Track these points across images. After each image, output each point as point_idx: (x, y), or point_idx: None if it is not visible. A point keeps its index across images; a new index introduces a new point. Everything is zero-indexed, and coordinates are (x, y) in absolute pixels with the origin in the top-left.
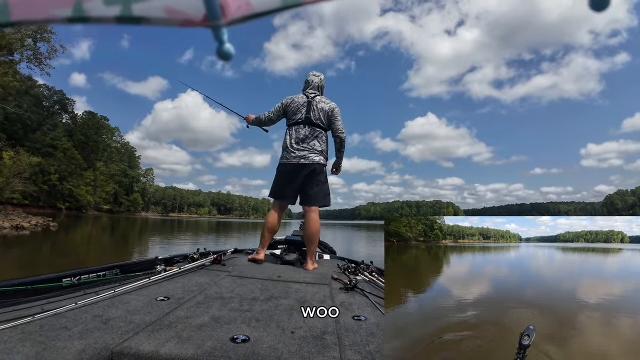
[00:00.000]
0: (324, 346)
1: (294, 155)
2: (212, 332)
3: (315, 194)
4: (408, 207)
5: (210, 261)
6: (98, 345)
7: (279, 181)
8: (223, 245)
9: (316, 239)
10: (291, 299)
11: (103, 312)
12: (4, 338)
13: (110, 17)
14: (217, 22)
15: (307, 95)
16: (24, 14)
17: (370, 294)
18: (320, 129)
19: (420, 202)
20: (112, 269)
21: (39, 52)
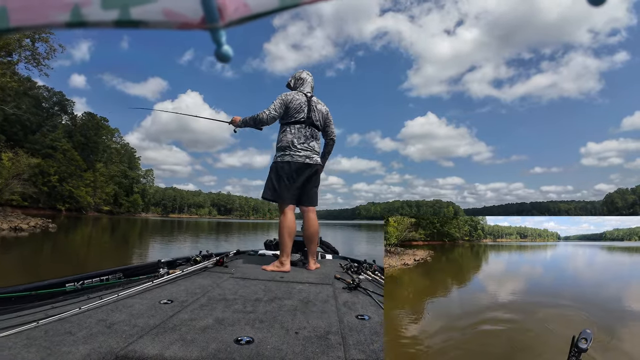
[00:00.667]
0: (328, 346)
1: (300, 155)
2: (216, 334)
3: (314, 194)
4: (408, 206)
5: (212, 263)
6: (103, 349)
7: (282, 181)
8: (224, 247)
9: (317, 239)
10: (294, 300)
11: (107, 316)
12: (9, 344)
13: (109, 22)
14: (215, 24)
15: (305, 94)
16: (22, 19)
17: (374, 293)
18: (318, 131)
19: (420, 202)
20: (115, 273)
21: (37, 53)
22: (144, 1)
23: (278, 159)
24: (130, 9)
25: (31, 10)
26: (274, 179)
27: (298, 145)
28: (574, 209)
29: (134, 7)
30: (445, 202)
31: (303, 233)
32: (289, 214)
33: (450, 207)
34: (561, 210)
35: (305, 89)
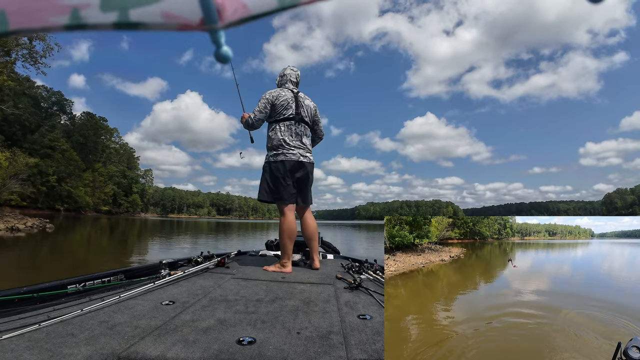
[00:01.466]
0: (330, 346)
1: (293, 153)
2: (218, 335)
3: (309, 192)
4: (407, 206)
5: (214, 264)
6: (105, 351)
7: (277, 181)
8: (223, 247)
9: (317, 236)
10: (296, 300)
11: (109, 317)
12: (11, 346)
13: (108, 24)
14: (214, 25)
15: (292, 90)
16: (21, 22)
17: (375, 293)
18: (308, 127)
19: (419, 202)
20: (117, 275)
21: (34, 51)
22: (143, 3)
23: (271, 158)
24: (129, 11)
25: (30, 14)
26: (269, 180)
27: (290, 143)
28: (573, 209)
29: (133, 9)
30: (445, 202)
31: (303, 233)
32: (289, 215)
33: (449, 207)
34: (560, 210)
35: (289, 85)
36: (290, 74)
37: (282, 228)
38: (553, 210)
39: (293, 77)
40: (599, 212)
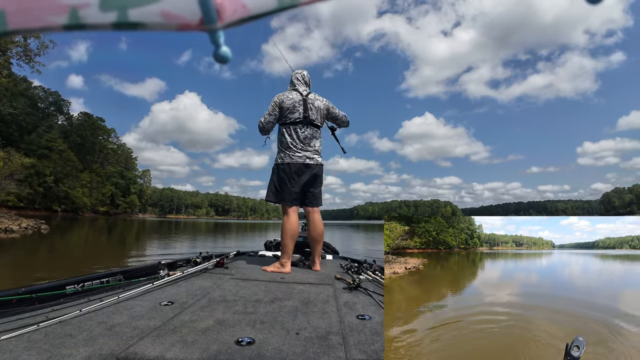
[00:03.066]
0: (329, 346)
1: (299, 155)
2: (217, 336)
3: (318, 194)
4: (406, 206)
5: (213, 264)
6: (103, 351)
7: (283, 183)
8: (222, 247)
9: (322, 239)
10: (295, 300)
11: (107, 318)
12: (10, 347)
13: (107, 24)
14: (214, 25)
15: (301, 92)
16: (20, 22)
17: (374, 293)
18: (317, 128)
19: (418, 202)
20: (116, 275)
21: (28, 49)
22: (142, 3)
23: (278, 160)
24: (128, 11)
25: (29, 13)
26: (276, 181)
27: (296, 146)
28: (571, 208)
29: (132, 9)
30: (443, 202)
31: (308, 234)
32: (291, 216)
33: (448, 206)
34: (558, 209)
35: (299, 87)
36: (297, 76)
37: (284, 228)
38: (551, 210)
39: (299, 77)
40: (597, 211)
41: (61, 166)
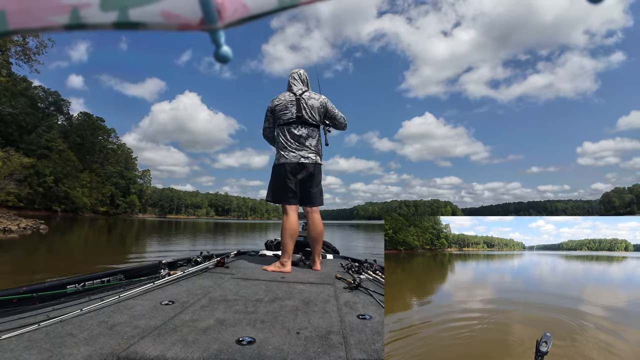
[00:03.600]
0: (329, 346)
1: (293, 155)
2: (218, 335)
3: (316, 193)
4: (406, 206)
5: (213, 264)
6: (104, 351)
7: (279, 183)
8: (222, 247)
9: (322, 239)
10: (296, 300)
11: (108, 317)
12: (10, 346)
13: (108, 24)
14: (214, 25)
15: (295, 92)
16: (21, 22)
17: (375, 293)
18: (313, 127)
19: (418, 202)
20: (116, 275)
21: (27, 48)
22: (143, 3)
23: (275, 161)
24: (128, 11)
25: (30, 13)
26: (273, 182)
27: (291, 145)
28: (571, 208)
29: (133, 9)
30: (443, 202)
31: (307, 234)
32: (291, 215)
33: (447, 206)
34: (558, 209)
35: (295, 86)
36: (294, 77)
37: (283, 227)
38: (551, 210)
39: (296, 76)
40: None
41: (61, 166)
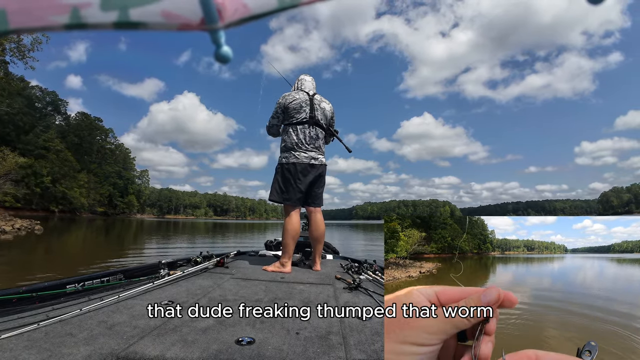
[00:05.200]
0: (329, 346)
1: (305, 156)
2: (217, 335)
3: (321, 194)
4: (405, 206)
5: (213, 264)
6: (104, 350)
7: (288, 182)
8: (221, 247)
9: (323, 240)
10: (295, 300)
11: (108, 317)
12: (10, 346)
13: (108, 24)
14: (215, 25)
15: (307, 92)
16: (22, 21)
17: (375, 293)
18: (323, 130)
19: (416, 202)
20: (116, 275)
21: (22, 45)
22: (143, 3)
23: (283, 160)
24: (129, 11)
25: (30, 13)
26: (280, 181)
27: (302, 146)
28: (569, 208)
29: (133, 9)
30: (442, 202)
31: (310, 234)
32: (293, 216)
33: (446, 206)
34: (556, 209)
35: (305, 87)
36: (305, 79)
37: (286, 227)
38: (549, 209)
39: (308, 82)
40: (596, 210)
41: (58, 166)
